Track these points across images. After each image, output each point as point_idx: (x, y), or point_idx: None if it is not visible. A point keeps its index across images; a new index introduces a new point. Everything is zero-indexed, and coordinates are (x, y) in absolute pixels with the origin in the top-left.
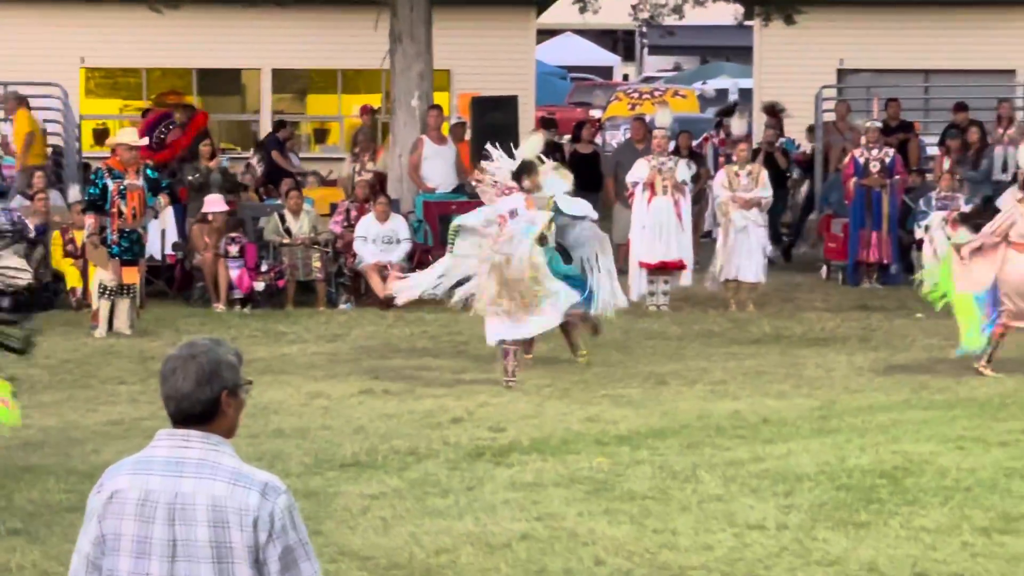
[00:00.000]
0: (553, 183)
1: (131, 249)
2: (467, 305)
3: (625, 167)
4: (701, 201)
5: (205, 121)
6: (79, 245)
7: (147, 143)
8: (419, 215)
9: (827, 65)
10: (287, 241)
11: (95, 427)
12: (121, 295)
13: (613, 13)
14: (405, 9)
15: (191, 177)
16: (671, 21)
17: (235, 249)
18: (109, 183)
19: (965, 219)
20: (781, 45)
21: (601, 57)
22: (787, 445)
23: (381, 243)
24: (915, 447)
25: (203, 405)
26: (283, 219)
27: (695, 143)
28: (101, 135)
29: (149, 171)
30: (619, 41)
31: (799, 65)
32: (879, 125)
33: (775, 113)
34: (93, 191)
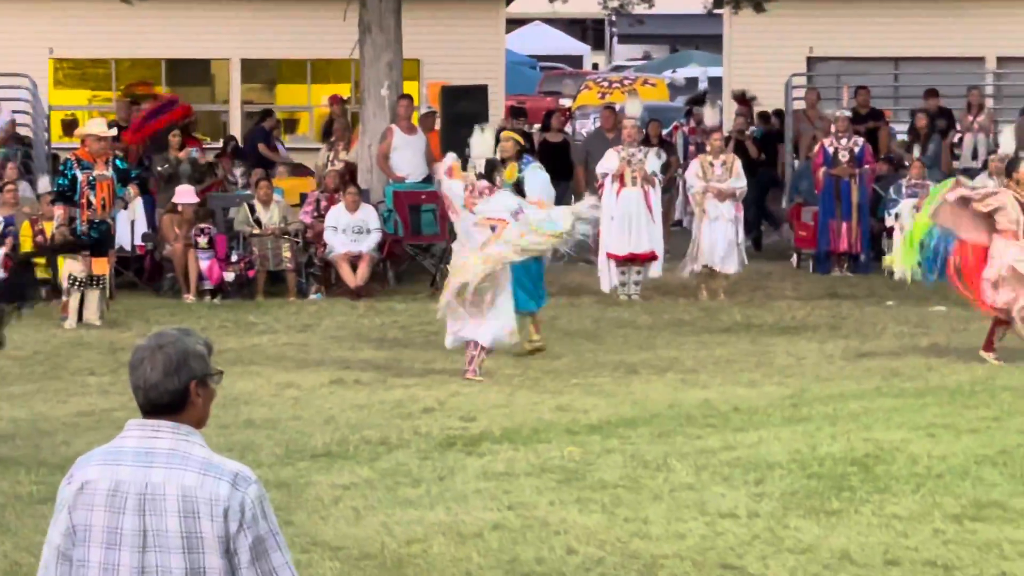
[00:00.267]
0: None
1: (100, 240)
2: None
3: (595, 156)
4: (671, 190)
5: (185, 114)
6: (49, 236)
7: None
8: (389, 205)
9: (797, 53)
10: (257, 231)
11: (65, 418)
12: (91, 286)
13: (582, 2)
14: None
15: (160, 168)
16: (641, 10)
17: (204, 240)
18: (78, 174)
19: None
20: (751, 33)
21: (571, 46)
22: (758, 433)
23: (351, 233)
24: (886, 435)
25: (171, 395)
26: (253, 209)
27: (665, 132)
28: (70, 126)
29: (118, 162)
30: (589, 30)
31: (769, 53)
32: (848, 114)
33: (745, 101)
34: (62, 182)
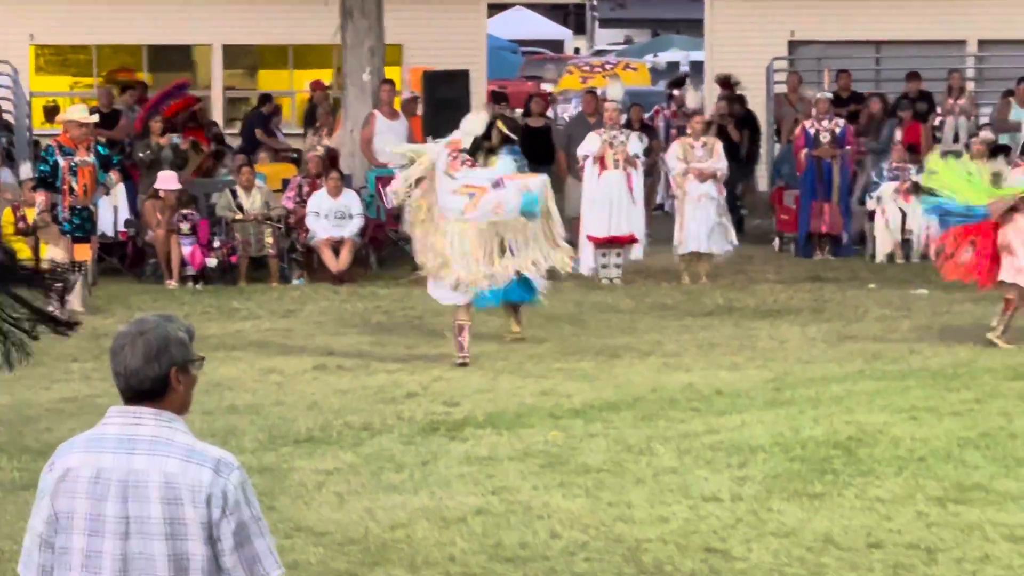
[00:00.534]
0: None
1: (82, 226)
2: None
3: (577, 141)
4: (653, 174)
5: (194, 103)
6: (30, 222)
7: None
8: (371, 190)
9: (778, 37)
10: (239, 217)
11: (48, 405)
12: (73, 272)
13: None
14: None
15: (142, 154)
16: None
17: (187, 226)
18: (60, 160)
19: (917, 189)
20: (732, 17)
21: (552, 31)
22: (741, 417)
23: (333, 218)
24: (868, 418)
25: (152, 382)
26: (235, 195)
27: (647, 116)
28: (51, 112)
29: (100, 148)
30: (570, 15)
31: (750, 37)
32: (829, 96)
33: (729, 85)
34: (44, 168)
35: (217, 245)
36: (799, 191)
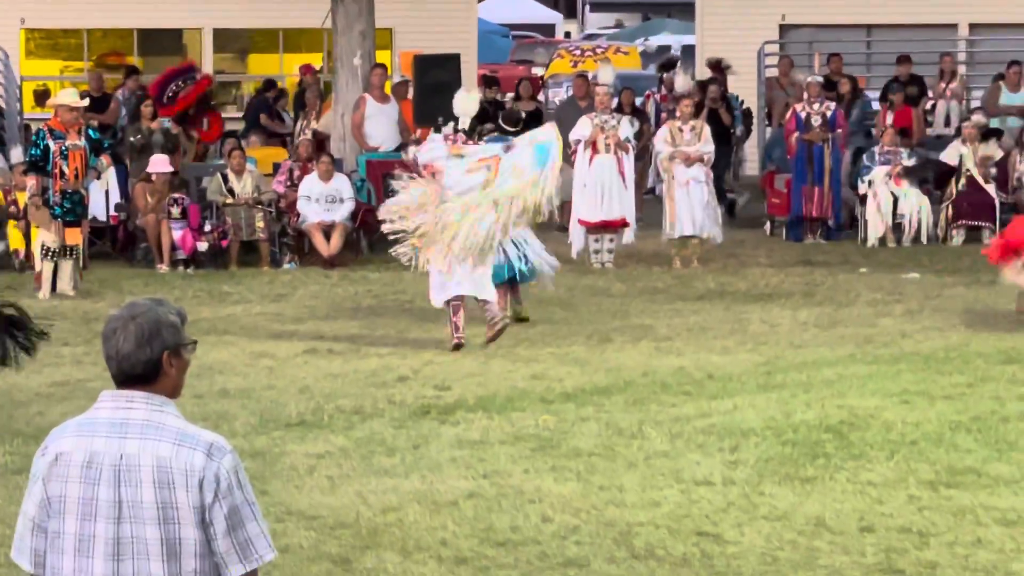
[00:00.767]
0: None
1: (73, 210)
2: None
3: (568, 124)
4: (644, 158)
5: (209, 84)
6: (21, 207)
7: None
8: (362, 174)
9: (769, 20)
10: (230, 201)
11: (39, 389)
12: (64, 256)
13: None
14: None
15: (133, 138)
16: None
17: (178, 210)
18: (51, 144)
19: (908, 173)
20: (723, 1)
21: (543, 15)
22: (732, 401)
23: (324, 202)
24: (860, 401)
25: (144, 366)
26: (226, 179)
27: (638, 100)
28: (42, 96)
29: (91, 131)
30: None
31: (741, 21)
32: (820, 80)
33: (720, 69)
34: (35, 152)
35: (208, 229)
36: (790, 176)
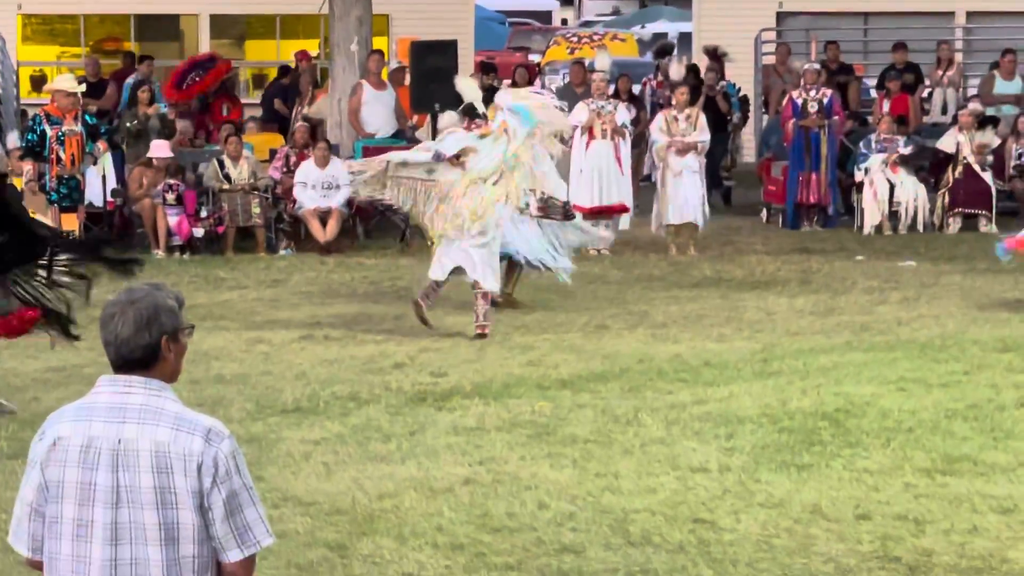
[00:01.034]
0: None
1: (70, 196)
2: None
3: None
4: (641, 145)
5: (227, 70)
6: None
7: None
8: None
9: (766, 8)
10: (227, 187)
11: (36, 374)
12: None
13: None
14: None
15: (129, 124)
16: None
17: (173, 196)
18: (47, 129)
19: (905, 161)
20: None
21: (540, 1)
22: (729, 388)
23: (321, 189)
24: (856, 389)
25: (143, 350)
26: (222, 165)
27: (634, 87)
28: (39, 82)
29: (88, 117)
30: None
31: (738, 8)
32: (817, 67)
33: (716, 57)
34: (31, 137)
35: (204, 215)
36: (787, 164)
